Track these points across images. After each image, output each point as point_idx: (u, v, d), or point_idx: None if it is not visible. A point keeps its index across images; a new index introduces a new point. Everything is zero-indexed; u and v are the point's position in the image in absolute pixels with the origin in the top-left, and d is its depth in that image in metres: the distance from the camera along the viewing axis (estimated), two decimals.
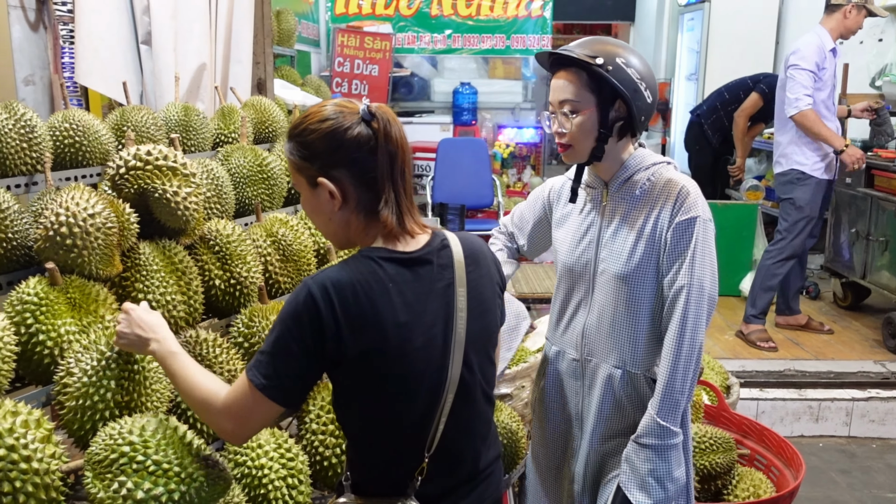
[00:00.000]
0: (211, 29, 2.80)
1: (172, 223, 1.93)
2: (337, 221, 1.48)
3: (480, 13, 9.37)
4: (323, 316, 1.36)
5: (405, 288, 1.43)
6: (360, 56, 8.76)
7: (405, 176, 1.47)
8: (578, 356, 2.04)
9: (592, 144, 1.88)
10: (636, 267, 1.89)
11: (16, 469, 1.39)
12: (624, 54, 1.85)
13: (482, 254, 1.59)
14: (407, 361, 1.42)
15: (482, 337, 1.55)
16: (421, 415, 1.46)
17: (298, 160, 1.47)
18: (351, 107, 1.45)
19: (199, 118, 2.44)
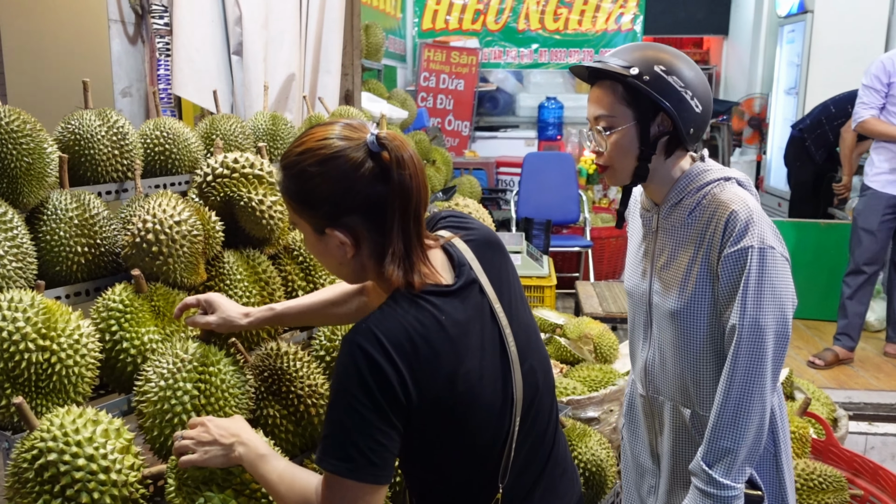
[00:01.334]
0: (301, 39, 2.79)
1: (257, 232, 1.90)
2: (349, 266, 1.31)
3: (568, 27, 9.24)
4: (385, 370, 1.17)
5: (459, 320, 1.26)
6: (446, 71, 8.76)
7: (419, 218, 1.27)
8: (645, 392, 1.90)
9: (634, 164, 1.69)
10: (688, 304, 1.70)
11: (94, 480, 1.36)
12: (666, 60, 1.65)
13: (488, 235, 1.42)
14: (474, 400, 1.27)
15: (527, 336, 1.40)
16: (492, 446, 1.33)
17: (300, 206, 1.27)
18: (358, 134, 1.23)
19: (286, 127, 2.42)
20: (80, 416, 1.41)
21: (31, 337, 1.45)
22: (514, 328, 1.36)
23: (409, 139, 2.70)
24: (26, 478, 1.35)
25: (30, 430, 1.39)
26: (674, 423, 1.83)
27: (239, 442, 1.35)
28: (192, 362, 1.55)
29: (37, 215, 1.71)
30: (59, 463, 1.34)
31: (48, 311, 1.50)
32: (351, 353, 1.19)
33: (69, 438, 1.36)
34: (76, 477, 1.35)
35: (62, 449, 1.35)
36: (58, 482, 1.34)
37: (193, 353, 1.56)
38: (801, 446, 2.64)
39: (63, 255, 1.70)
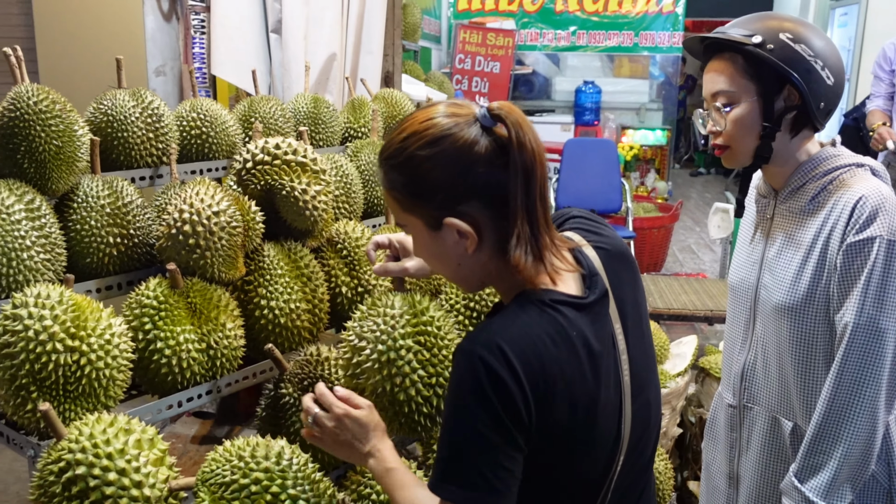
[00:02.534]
0: (343, 18, 2.65)
1: (299, 224, 1.76)
2: (469, 265, 1.14)
3: (608, 9, 8.98)
4: (509, 387, 1.02)
5: (589, 339, 1.10)
6: (482, 53, 8.56)
7: (546, 201, 1.12)
8: (736, 402, 1.71)
9: (755, 143, 1.53)
10: (801, 297, 1.51)
11: (126, 496, 1.24)
12: (793, 28, 1.48)
13: (621, 248, 1.25)
14: (590, 431, 1.12)
15: (645, 359, 1.23)
16: (593, 482, 1.19)
17: (408, 197, 1.13)
18: (464, 111, 1.10)
19: (328, 110, 2.28)
20: (111, 424, 1.30)
21: (59, 337, 1.34)
22: (631, 355, 1.19)
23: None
24: (52, 492, 1.24)
25: (57, 438, 1.28)
26: (766, 437, 1.65)
27: (372, 452, 1.21)
28: (403, 316, 1.40)
29: (66, 203, 1.60)
30: (87, 477, 1.23)
31: (77, 308, 1.39)
32: (471, 366, 1.04)
33: (99, 450, 1.25)
34: (106, 493, 1.23)
35: (91, 462, 1.24)
36: (86, 497, 1.23)
37: (401, 306, 1.42)
38: None
39: (94, 246, 1.59)
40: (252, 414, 2.27)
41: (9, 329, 1.34)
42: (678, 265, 6.69)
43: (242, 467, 1.30)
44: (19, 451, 1.40)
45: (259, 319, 1.70)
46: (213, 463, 1.34)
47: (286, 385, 1.62)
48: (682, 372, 2.94)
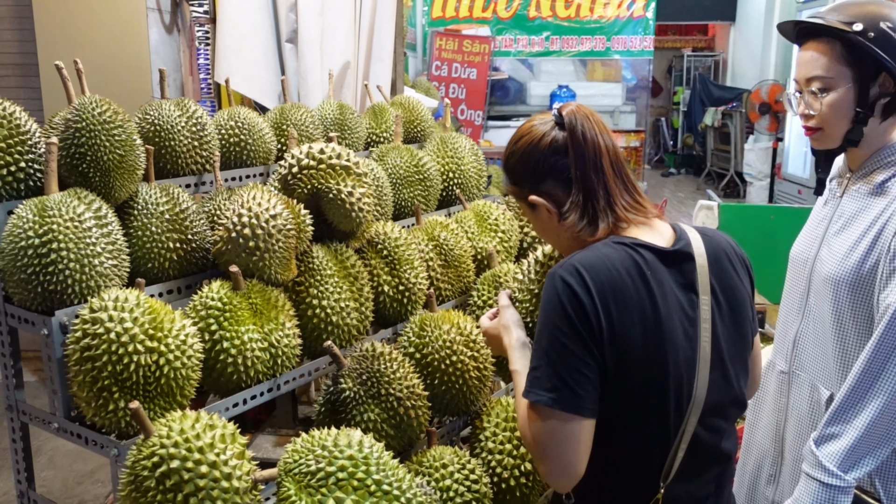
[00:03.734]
0: (355, 26, 2.71)
1: (345, 225, 1.83)
2: (566, 234, 1.38)
3: (580, 14, 9.14)
4: (583, 301, 1.21)
5: (664, 280, 1.27)
6: (459, 59, 8.66)
7: (602, 168, 1.35)
8: (787, 368, 1.79)
9: (847, 126, 1.61)
10: (849, 271, 1.60)
11: (217, 488, 1.30)
12: (892, 16, 1.55)
13: (727, 252, 1.40)
14: (655, 367, 1.24)
15: (734, 348, 1.35)
16: (659, 438, 1.28)
17: (512, 186, 1.46)
18: (545, 116, 1.41)
19: (353, 117, 2.35)
20: (198, 420, 1.35)
21: (140, 338, 1.39)
22: (716, 330, 1.31)
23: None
24: (147, 486, 1.29)
25: (146, 435, 1.33)
26: (808, 404, 1.74)
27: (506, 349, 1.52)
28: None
29: (126, 210, 1.64)
30: (181, 470, 1.28)
31: (153, 310, 1.44)
32: (553, 285, 1.25)
33: (191, 444, 1.30)
34: (199, 485, 1.28)
35: (185, 456, 1.29)
36: (181, 490, 1.28)
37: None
38: None
39: (155, 251, 1.63)
40: (261, 420, 2.32)
41: (89, 332, 1.38)
42: None
43: (327, 456, 1.36)
44: (100, 452, 1.44)
45: (311, 318, 1.76)
46: (295, 454, 1.39)
47: (346, 380, 1.68)
48: None
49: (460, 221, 2.32)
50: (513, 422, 1.81)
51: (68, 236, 1.44)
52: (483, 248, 2.28)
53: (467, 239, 2.28)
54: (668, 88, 14.59)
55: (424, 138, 2.61)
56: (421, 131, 2.61)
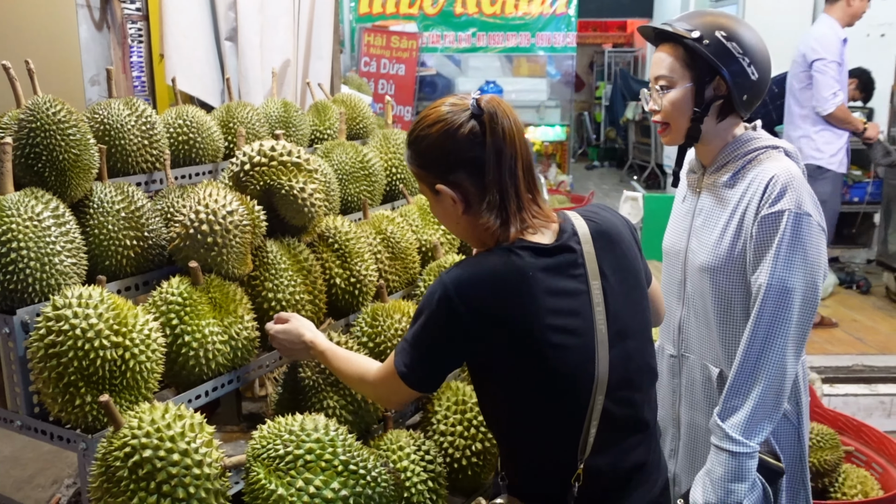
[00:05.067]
0: (294, 24, 2.74)
1: (297, 220, 1.88)
2: (465, 224, 1.43)
3: (505, 11, 9.31)
4: (459, 314, 1.33)
5: (548, 278, 1.35)
6: (387, 55, 8.71)
7: (516, 173, 1.38)
8: (676, 352, 1.95)
9: (687, 124, 1.78)
10: (721, 259, 1.76)
11: (189, 475, 1.34)
12: (728, 26, 1.71)
13: (614, 227, 1.48)
14: (551, 357, 1.34)
15: (634, 320, 1.46)
16: (569, 417, 1.38)
17: (417, 168, 1.45)
18: (462, 103, 1.39)
19: (298, 114, 2.39)
20: (167, 411, 1.39)
21: (105, 334, 1.41)
22: (612, 308, 1.40)
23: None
24: (120, 476, 1.32)
25: (116, 427, 1.36)
26: (699, 383, 1.89)
27: (309, 345, 1.65)
28: None
29: (82, 209, 1.65)
30: (154, 459, 1.32)
31: (117, 306, 1.46)
32: (437, 291, 1.36)
33: (162, 434, 1.34)
34: (172, 472, 1.33)
35: (156, 445, 1.33)
36: (154, 479, 1.32)
37: None
38: None
39: (112, 248, 1.65)
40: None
41: (54, 329, 1.40)
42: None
43: (295, 440, 1.42)
44: (66, 447, 1.46)
45: (268, 311, 1.81)
46: (263, 440, 1.45)
47: (304, 369, 1.75)
48: None
49: (405, 215, 2.40)
50: (463, 405, 1.90)
51: (28, 235, 1.45)
52: (427, 241, 2.36)
53: (412, 232, 2.35)
54: (590, 83, 14.97)
55: (366, 134, 2.67)
56: (363, 128, 2.68)
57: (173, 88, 2.14)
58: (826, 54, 4.36)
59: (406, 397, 1.50)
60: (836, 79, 4.35)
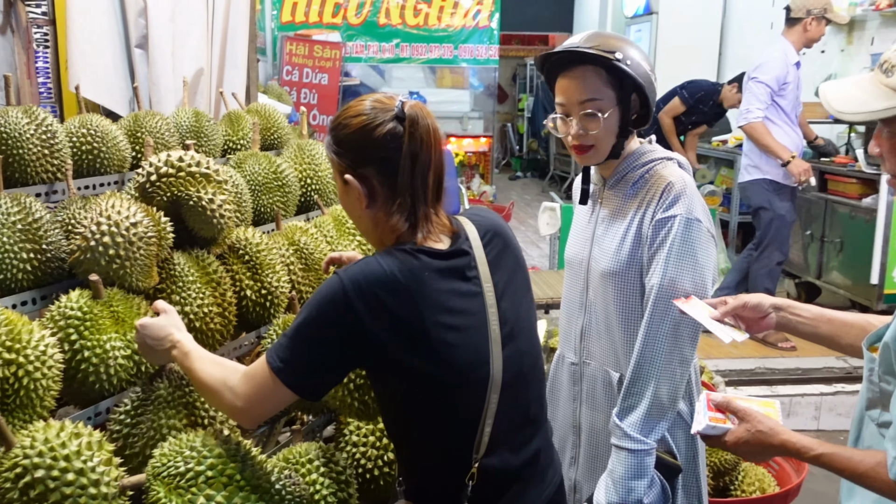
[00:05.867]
0: (208, 32, 2.71)
1: (206, 232, 1.86)
2: (367, 219, 1.45)
3: (428, 23, 9.38)
4: (356, 311, 1.31)
5: (443, 280, 1.38)
6: (310, 65, 8.64)
7: (427, 180, 1.42)
8: (577, 359, 1.99)
9: (614, 142, 1.83)
10: (622, 264, 1.82)
11: (85, 495, 1.31)
12: (633, 45, 1.81)
13: (503, 230, 1.54)
14: (446, 357, 1.37)
15: (525, 317, 1.51)
16: (464, 416, 1.41)
17: (333, 154, 1.46)
18: (388, 103, 1.41)
19: (209, 124, 2.36)
20: (62, 429, 1.35)
21: None
22: (502, 308, 1.45)
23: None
24: (10, 498, 1.28)
25: (7, 447, 1.32)
26: (600, 389, 1.93)
27: (172, 346, 1.49)
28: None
29: None
30: (46, 479, 1.28)
31: (10, 322, 1.42)
32: (331, 282, 1.34)
33: (56, 453, 1.30)
34: (66, 493, 1.29)
35: (50, 465, 1.29)
36: (46, 499, 1.28)
37: None
38: None
39: (7, 262, 1.60)
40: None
41: None
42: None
43: (196, 456, 1.40)
44: None
45: None
46: (163, 458, 1.42)
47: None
48: None
49: (319, 226, 2.39)
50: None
51: None
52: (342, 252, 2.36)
53: (326, 243, 2.35)
54: (513, 95, 15.20)
55: (281, 145, 2.66)
56: (278, 138, 2.66)
57: (76, 96, 2.08)
58: (760, 75, 4.57)
59: (275, 402, 1.38)
60: (758, 97, 4.54)
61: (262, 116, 2.63)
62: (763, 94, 4.54)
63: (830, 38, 6.38)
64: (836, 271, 5.23)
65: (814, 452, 1.34)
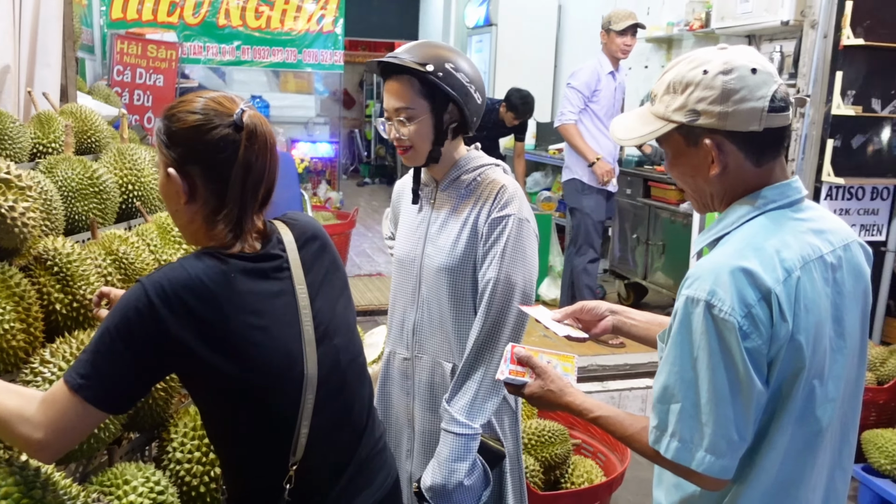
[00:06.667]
0: (14, 28, 2.50)
1: (7, 242, 1.72)
2: (183, 215, 1.43)
3: (270, 25, 9.17)
4: (160, 317, 1.28)
5: (251, 281, 1.38)
6: (143, 65, 8.21)
7: (257, 193, 1.41)
8: (409, 354, 2.05)
9: (430, 148, 1.93)
10: (457, 259, 1.94)
11: None
12: (453, 59, 1.90)
13: (320, 232, 1.57)
14: (256, 361, 1.36)
15: (341, 314, 1.53)
16: (280, 418, 1.41)
17: (161, 143, 1.41)
18: (227, 106, 1.38)
19: (15, 126, 2.18)
20: None
21: None
22: (316, 308, 1.46)
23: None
24: None
25: None
26: (433, 381, 2.01)
27: None
28: None
29: None
30: None
31: None
32: (134, 290, 1.31)
33: None
34: None
35: None
36: None
37: None
38: (531, 407, 3.03)
39: None
40: None
41: None
42: (356, 268, 7.16)
43: None
44: None
45: None
46: None
47: None
48: (375, 359, 3.26)
49: (142, 234, 2.28)
50: (201, 430, 1.85)
51: None
52: (167, 261, 2.26)
53: (150, 252, 2.24)
54: (360, 101, 15.19)
55: (100, 149, 2.51)
56: (96, 142, 2.51)
57: None
58: (572, 81, 5.05)
59: (78, 426, 1.27)
60: (570, 101, 4.98)
61: (78, 118, 2.47)
62: (575, 98, 4.97)
63: (653, 54, 6.87)
64: (660, 272, 5.62)
65: (593, 415, 1.47)
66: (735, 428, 1.29)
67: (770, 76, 1.34)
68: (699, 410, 1.30)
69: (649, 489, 2.12)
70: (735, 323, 1.26)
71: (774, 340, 1.29)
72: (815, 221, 1.40)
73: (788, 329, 1.28)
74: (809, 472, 1.39)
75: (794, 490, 1.39)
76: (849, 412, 1.45)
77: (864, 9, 4.05)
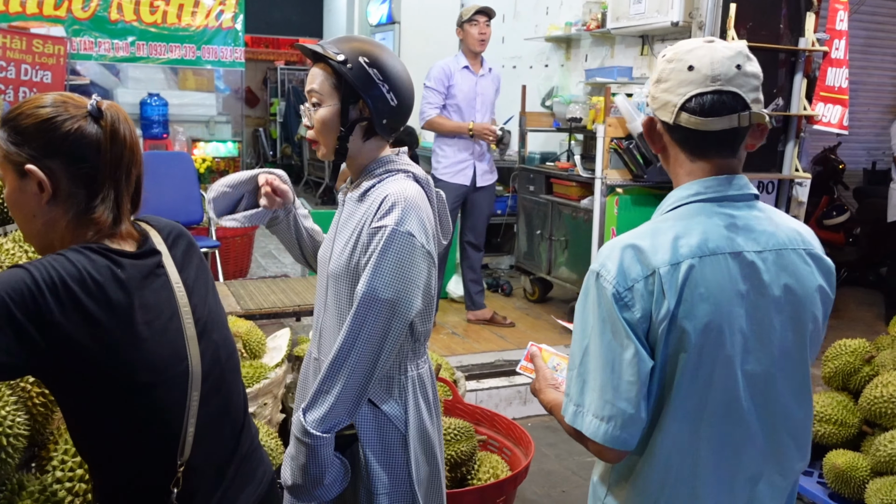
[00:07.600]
0: None
1: None
2: (42, 219, 1.37)
3: (167, 21, 8.85)
4: (45, 302, 1.24)
5: (138, 282, 1.37)
6: (29, 61, 7.78)
7: (130, 178, 1.42)
8: (318, 355, 2.02)
9: (335, 143, 1.87)
10: (342, 267, 1.87)
11: None
12: (372, 53, 1.83)
13: (183, 232, 1.57)
14: (142, 358, 1.34)
15: (212, 315, 1.52)
16: (166, 418, 1.39)
17: (8, 146, 1.36)
18: (77, 101, 1.38)
19: None
20: None
21: None
22: (194, 304, 1.45)
23: None
24: None
25: None
26: None
27: None
28: None
29: None
30: None
31: None
32: (15, 271, 1.26)
33: None
34: None
35: None
36: None
37: None
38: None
39: None
40: None
41: None
42: (262, 270, 7.01)
43: None
44: None
45: None
46: None
47: None
48: (279, 363, 3.20)
49: (20, 240, 2.15)
50: None
51: None
52: None
53: (28, 259, 2.12)
54: (264, 99, 14.88)
55: None
56: None
57: None
58: (426, 80, 5.23)
59: None
60: (429, 101, 5.18)
61: None
62: (431, 96, 5.18)
63: (553, 53, 7.01)
64: (563, 266, 5.74)
65: (549, 406, 1.60)
66: (623, 396, 1.34)
67: (708, 79, 1.36)
68: (589, 375, 1.38)
69: (556, 481, 2.15)
70: (615, 292, 1.35)
71: (655, 318, 1.34)
72: (746, 220, 1.42)
73: (669, 310, 1.34)
74: (711, 469, 1.41)
75: (693, 482, 1.40)
76: (778, 423, 1.45)
77: (746, 11, 4.25)
